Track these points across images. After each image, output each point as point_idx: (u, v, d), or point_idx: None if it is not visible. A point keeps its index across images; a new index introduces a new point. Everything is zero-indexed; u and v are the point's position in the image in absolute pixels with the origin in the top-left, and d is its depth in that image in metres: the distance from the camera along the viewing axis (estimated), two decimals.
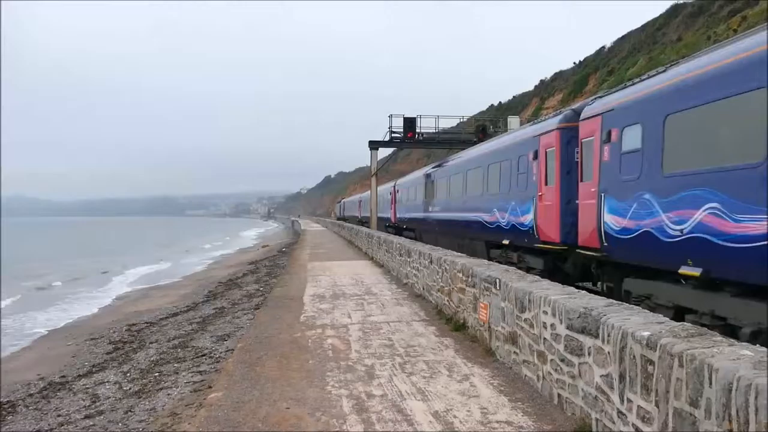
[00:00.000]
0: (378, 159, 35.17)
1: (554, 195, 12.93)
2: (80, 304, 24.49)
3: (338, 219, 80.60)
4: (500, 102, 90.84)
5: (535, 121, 16.19)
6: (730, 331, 6.99)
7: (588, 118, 11.34)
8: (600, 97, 11.78)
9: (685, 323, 4.38)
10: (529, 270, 12.69)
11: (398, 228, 34.85)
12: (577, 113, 12.39)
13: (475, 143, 26.98)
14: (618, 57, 56.49)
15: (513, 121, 35.16)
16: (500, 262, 13.34)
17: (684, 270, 7.97)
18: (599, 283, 11.57)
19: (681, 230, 8.01)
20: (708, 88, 7.65)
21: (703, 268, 7.62)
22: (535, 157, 13.86)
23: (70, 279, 35.05)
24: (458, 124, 39.29)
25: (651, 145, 8.94)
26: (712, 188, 7.42)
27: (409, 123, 32.78)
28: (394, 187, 37.41)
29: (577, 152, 11.91)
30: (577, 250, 11.65)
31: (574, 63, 71.37)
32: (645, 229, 8.92)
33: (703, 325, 5.09)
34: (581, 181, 11.60)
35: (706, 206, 7.48)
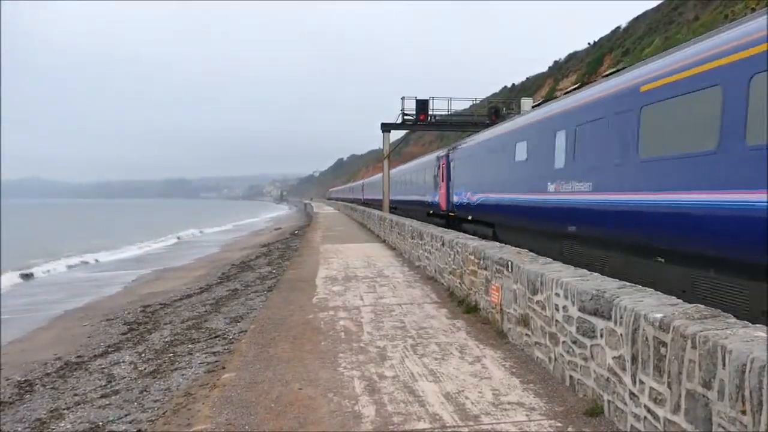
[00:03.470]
0: (390, 142, 35.07)
1: (443, 187, 24.89)
2: (96, 285, 24.75)
3: (328, 199, 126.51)
4: (513, 84, 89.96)
5: (441, 152, 27.91)
6: (482, 237, 14.08)
7: (450, 153, 24.26)
8: (454, 147, 24.40)
9: (698, 305, 4.35)
10: (438, 224, 22.67)
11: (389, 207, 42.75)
12: (451, 149, 24.90)
13: (487, 125, 27.38)
14: (633, 37, 55.63)
15: (526, 102, 34.57)
16: (436, 224, 22.31)
17: (470, 217, 20.10)
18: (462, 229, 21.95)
19: (468, 201, 20.17)
20: (468, 153, 21.19)
21: (472, 216, 19.86)
22: (439, 167, 25.93)
23: (85, 259, 35.44)
24: (471, 106, 39.02)
25: (459, 168, 22.24)
26: (470, 187, 20.03)
27: (422, 105, 32.55)
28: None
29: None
30: (449, 213, 23.80)
31: (589, 43, 70.43)
32: (460, 202, 21.55)
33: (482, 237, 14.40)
34: (449, 181, 23.84)
35: (469, 192, 20.06)
